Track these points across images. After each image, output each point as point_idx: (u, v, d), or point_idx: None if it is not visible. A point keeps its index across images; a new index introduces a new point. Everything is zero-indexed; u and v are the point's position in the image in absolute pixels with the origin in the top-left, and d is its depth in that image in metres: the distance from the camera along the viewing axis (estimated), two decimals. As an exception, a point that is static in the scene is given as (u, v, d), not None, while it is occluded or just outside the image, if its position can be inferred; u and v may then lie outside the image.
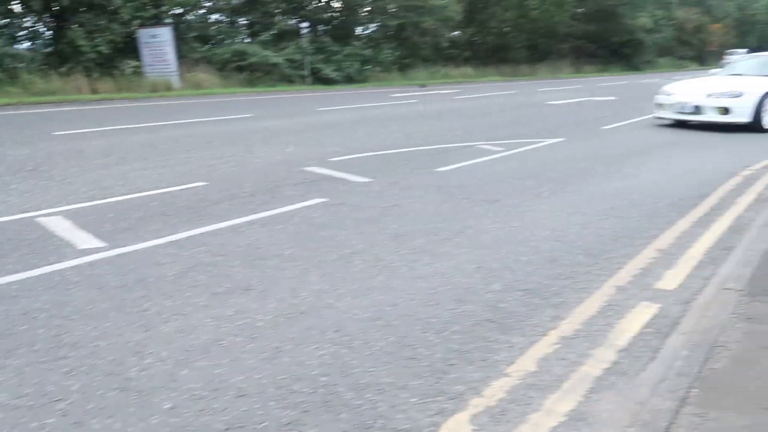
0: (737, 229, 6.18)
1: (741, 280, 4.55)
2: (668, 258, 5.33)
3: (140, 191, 7.43)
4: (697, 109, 13.68)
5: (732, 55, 75.27)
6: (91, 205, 6.83)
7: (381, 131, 12.93)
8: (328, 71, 28.99)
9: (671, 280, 4.81)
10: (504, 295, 4.47)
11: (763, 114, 13.31)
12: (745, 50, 79.45)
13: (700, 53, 70.85)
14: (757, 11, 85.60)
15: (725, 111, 13.35)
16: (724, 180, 8.45)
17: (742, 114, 13.26)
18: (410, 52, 35.82)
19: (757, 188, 7.95)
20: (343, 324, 3.96)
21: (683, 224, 6.35)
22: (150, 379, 3.31)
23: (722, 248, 5.57)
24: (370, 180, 8.15)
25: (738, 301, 4.17)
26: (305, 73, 28.08)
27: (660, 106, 14.74)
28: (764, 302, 4.18)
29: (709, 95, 13.65)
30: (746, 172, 9.02)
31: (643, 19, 53.82)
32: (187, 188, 7.56)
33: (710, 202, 7.26)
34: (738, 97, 13.31)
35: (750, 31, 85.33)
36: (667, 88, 14.85)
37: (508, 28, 43.01)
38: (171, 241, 5.57)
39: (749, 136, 12.91)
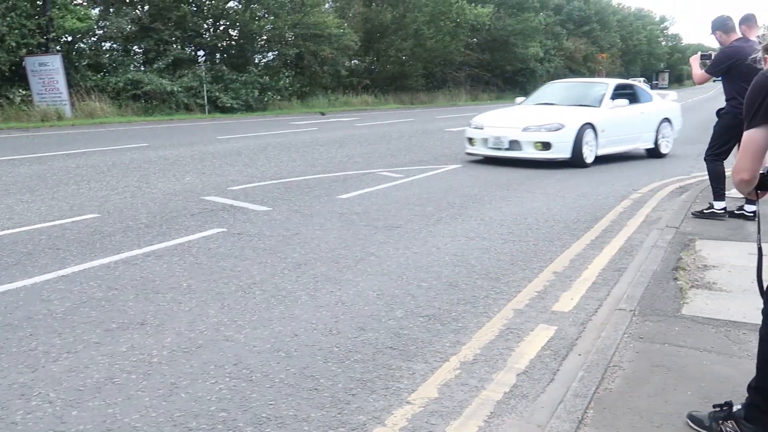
0: (628, 250, 6.41)
1: (633, 300, 4.70)
2: (564, 280, 5.46)
3: (28, 224, 7.10)
4: (514, 145, 12.23)
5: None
6: (-26, 240, 6.48)
7: (282, 159, 12.84)
8: (226, 99, 28.67)
9: (567, 301, 4.93)
10: (406, 322, 4.47)
11: (583, 148, 12.16)
12: (642, 78, 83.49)
13: (589, 81, 73.78)
14: (639, 42, 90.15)
15: (545, 146, 12.02)
16: (615, 203, 8.78)
17: (563, 149, 12.02)
18: (310, 80, 35.85)
19: (645, 211, 8.28)
20: (242, 357, 3.87)
21: (578, 247, 6.54)
22: (36, 423, 3.13)
23: (615, 269, 5.76)
24: (271, 209, 8.05)
25: (630, 321, 4.31)
26: (203, 101, 27.70)
27: (471, 140, 13.08)
28: (654, 321, 4.33)
29: (526, 129, 12.23)
30: (635, 195, 9.40)
31: (534, 49, 55.70)
32: (78, 220, 7.28)
33: (602, 225, 7.52)
34: (558, 130, 12.02)
35: (634, 61, 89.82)
36: (477, 120, 13.26)
37: (406, 57, 43.68)
38: (61, 276, 5.33)
39: (639, 159, 13.46)
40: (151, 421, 3.15)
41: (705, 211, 7.49)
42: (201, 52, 30.21)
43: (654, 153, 14.08)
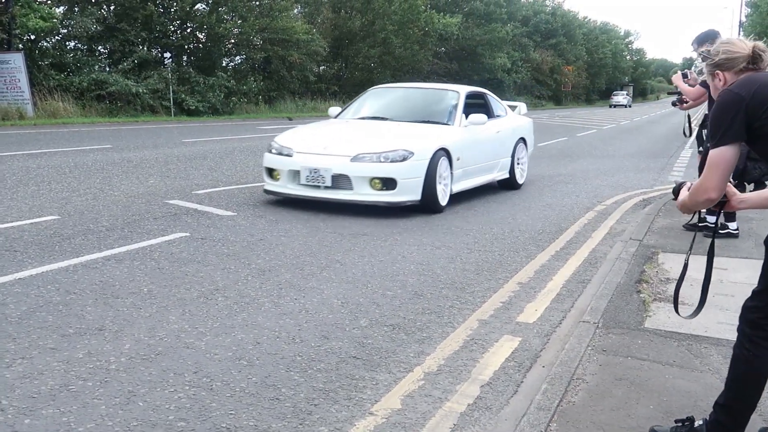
0: (592, 262, 6.44)
1: (596, 312, 4.72)
2: (529, 291, 5.47)
3: (-15, 225, 6.94)
4: (341, 181, 8.23)
5: (616, 95, 79.74)
6: (-72, 241, 6.30)
7: (248, 163, 12.74)
8: (192, 102, 28.41)
9: (532, 313, 4.93)
10: (370, 331, 4.43)
11: (438, 184, 8.52)
12: (624, 92, 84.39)
13: (556, 93, 74.68)
14: (605, 55, 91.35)
15: (387, 184, 8.16)
16: (580, 215, 8.84)
17: (412, 188, 8.24)
18: (278, 84, 35.73)
19: (609, 223, 8.35)
20: (202, 365, 3.79)
21: (542, 258, 6.56)
22: (-13, 432, 3.04)
23: (579, 281, 5.78)
24: (235, 213, 7.97)
25: (594, 334, 4.31)
26: (169, 103, 27.42)
27: (272, 173, 8.80)
28: (618, 334, 4.34)
29: (359, 157, 8.22)
30: (599, 207, 9.48)
31: (501, 60, 56.16)
32: (37, 222, 7.12)
33: (567, 236, 7.56)
34: (405, 160, 8.19)
35: (599, 74, 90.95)
36: (282, 141, 8.99)
37: (374, 64, 43.73)
38: (17, 279, 5.20)
39: (601, 171, 13.56)
40: (107, 430, 3.07)
41: (721, 231, 7.08)
42: (167, 54, 29.89)
43: (509, 184, 11.00)
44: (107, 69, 27.91)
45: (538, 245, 7.06)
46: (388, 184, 8.16)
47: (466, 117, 9.52)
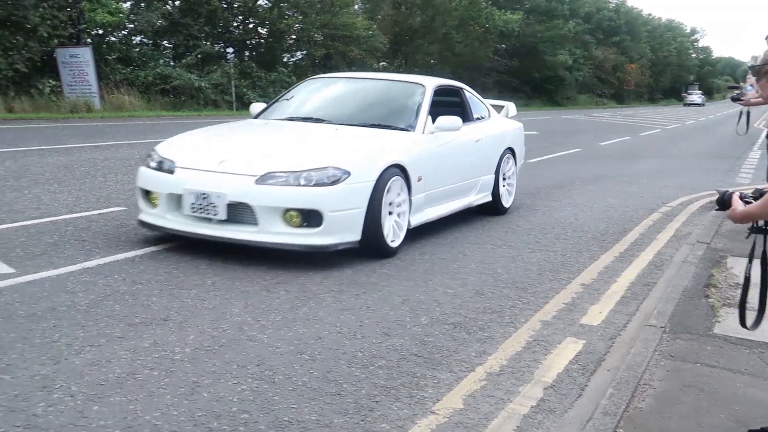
0: (658, 264, 6.30)
1: (663, 316, 4.61)
2: (592, 293, 5.38)
3: (54, 215, 7.10)
4: (240, 213, 5.67)
5: (691, 94, 78.08)
6: (1, 229, 6.49)
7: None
8: (254, 96, 28.75)
9: (596, 315, 4.85)
10: (431, 329, 4.40)
11: (385, 219, 6.02)
12: (699, 91, 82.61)
13: (618, 91, 73.42)
14: (669, 53, 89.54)
15: (309, 218, 5.61)
16: (644, 216, 8.66)
17: (346, 224, 5.74)
18: (337, 80, 35.96)
19: (675, 225, 8.16)
20: (265, 358, 3.82)
21: (606, 259, 6.45)
22: (57, 416, 3.10)
23: (644, 284, 5.66)
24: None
25: (661, 338, 4.21)
26: (231, 98, 27.79)
27: (149, 196, 6.15)
28: (686, 340, 4.23)
29: (267, 177, 5.64)
30: (664, 209, 9.27)
31: (563, 57, 55.47)
32: (104, 213, 7.28)
33: (631, 237, 7.41)
34: (337, 183, 5.65)
35: (663, 72, 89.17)
36: (164, 150, 6.32)
37: (434, 61, 43.64)
38: (86, 268, 5.31)
39: (666, 172, 13.24)
40: (172, 419, 3.11)
41: None
42: (230, 49, 30.32)
43: (491, 208, 8.35)
44: (171, 63, 28.42)
45: (601, 246, 6.94)
46: (311, 218, 5.62)
47: (434, 120, 6.94)
